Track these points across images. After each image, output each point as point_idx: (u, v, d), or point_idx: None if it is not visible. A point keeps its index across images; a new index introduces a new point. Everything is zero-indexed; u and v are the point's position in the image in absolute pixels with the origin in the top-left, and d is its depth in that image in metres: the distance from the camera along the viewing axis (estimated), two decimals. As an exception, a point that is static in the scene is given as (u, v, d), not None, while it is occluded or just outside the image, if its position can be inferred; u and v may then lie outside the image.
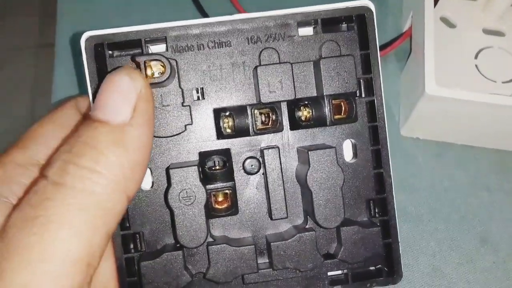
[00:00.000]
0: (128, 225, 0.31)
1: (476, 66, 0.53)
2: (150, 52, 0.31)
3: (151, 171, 0.31)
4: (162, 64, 0.29)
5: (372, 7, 0.31)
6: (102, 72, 0.29)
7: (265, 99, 0.30)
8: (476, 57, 0.54)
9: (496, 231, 0.48)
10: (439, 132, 0.51)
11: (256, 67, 0.30)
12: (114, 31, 0.30)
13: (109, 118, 0.24)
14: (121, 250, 0.30)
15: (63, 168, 0.23)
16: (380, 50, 0.32)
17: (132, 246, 0.31)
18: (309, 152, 0.29)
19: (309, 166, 0.29)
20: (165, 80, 0.28)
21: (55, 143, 0.29)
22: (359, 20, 0.32)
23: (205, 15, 0.56)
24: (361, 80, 0.32)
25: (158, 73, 0.29)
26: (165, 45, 0.30)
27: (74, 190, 0.22)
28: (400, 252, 0.32)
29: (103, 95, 0.25)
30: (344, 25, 0.32)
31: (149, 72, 0.28)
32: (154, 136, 0.29)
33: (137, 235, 0.31)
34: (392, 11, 0.59)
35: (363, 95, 0.32)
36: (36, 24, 1.45)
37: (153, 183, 0.31)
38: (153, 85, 0.29)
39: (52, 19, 0.58)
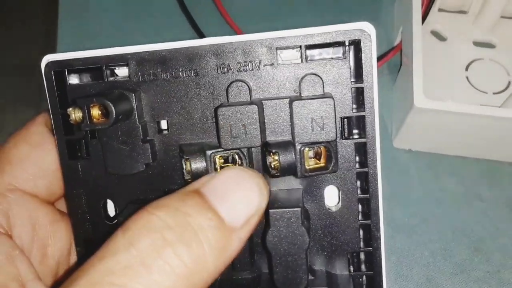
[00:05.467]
0: None
1: (467, 78, 0.54)
2: (116, 75, 0.28)
3: (114, 204, 0.30)
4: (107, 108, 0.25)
5: (371, 31, 0.26)
6: (63, 98, 0.28)
7: (225, 145, 0.26)
8: (466, 69, 0.54)
9: (489, 240, 0.48)
10: (431, 144, 0.51)
11: (216, 108, 0.26)
12: (74, 56, 0.28)
13: (225, 216, 0.23)
14: None
15: (158, 245, 0.21)
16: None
17: None
18: (270, 211, 0.26)
19: (270, 227, 0.26)
20: (110, 126, 0.25)
21: (30, 165, 0.30)
22: (354, 45, 0.27)
23: (201, 35, 0.57)
24: (353, 118, 0.27)
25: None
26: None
27: (156, 273, 0.21)
28: None
29: (230, 188, 0.24)
30: (339, 49, 0.27)
31: (95, 112, 0.25)
32: (111, 173, 0.28)
33: None
34: (385, 25, 0.60)
35: (354, 135, 0.27)
36: (40, 44, 1.48)
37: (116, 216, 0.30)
38: (97, 130, 0.26)
39: (53, 39, 0.60)
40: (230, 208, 0.23)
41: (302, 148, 0.26)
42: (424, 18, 0.51)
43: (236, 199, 0.24)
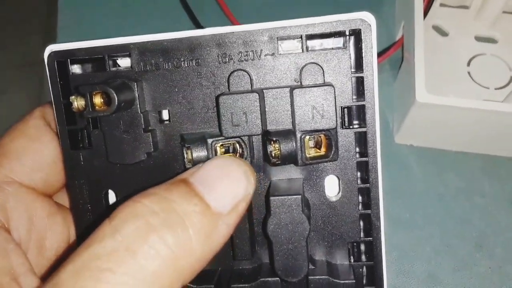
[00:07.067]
0: None
1: (469, 73, 0.54)
2: (118, 66, 0.29)
3: (115, 194, 0.30)
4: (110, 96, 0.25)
5: (371, 20, 0.26)
6: (66, 88, 0.28)
7: (226, 133, 0.26)
8: (468, 64, 0.54)
9: (490, 236, 0.48)
10: (433, 139, 0.51)
11: (217, 96, 0.27)
12: (77, 46, 0.28)
13: (211, 203, 0.23)
14: None
15: (143, 230, 0.21)
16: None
17: None
18: (270, 198, 0.26)
19: (270, 214, 0.26)
20: (112, 113, 0.26)
21: (27, 158, 0.30)
22: (354, 35, 0.27)
23: (199, 27, 0.57)
24: (353, 108, 0.27)
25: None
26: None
27: (144, 259, 0.21)
28: None
29: (217, 176, 0.24)
30: (340, 39, 0.27)
31: (97, 100, 0.26)
32: (111, 162, 0.28)
33: None
34: (386, 20, 0.60)
35: (354, 125, 0.27)
36: (40, 44, 1.49)
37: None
38: (100, 117, 0.27)
39: (53, 37, 0.60)
40: (216, 195, 0.24)
41: (302, 136, 0.26)
42: (425, 13, 0.51)
43: (222, 186, 0.24)
